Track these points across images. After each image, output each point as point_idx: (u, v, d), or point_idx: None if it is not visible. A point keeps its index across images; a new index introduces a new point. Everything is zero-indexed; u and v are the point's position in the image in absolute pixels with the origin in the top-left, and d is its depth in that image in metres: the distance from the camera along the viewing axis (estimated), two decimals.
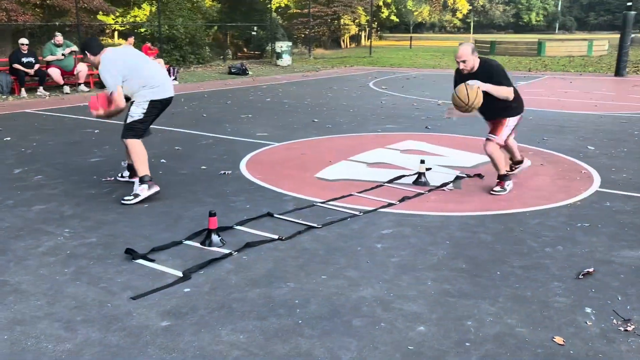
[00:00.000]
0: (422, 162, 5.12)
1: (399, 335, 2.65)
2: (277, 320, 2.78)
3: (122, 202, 4.53)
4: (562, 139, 7.12)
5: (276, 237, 3.82)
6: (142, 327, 2.70)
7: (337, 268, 3.38)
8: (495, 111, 4.76)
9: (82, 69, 12.67)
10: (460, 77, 4.78)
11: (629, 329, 2.69)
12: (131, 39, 13.94)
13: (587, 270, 3.30)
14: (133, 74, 4.63)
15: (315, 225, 4.04)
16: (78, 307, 2.89)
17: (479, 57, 4.77)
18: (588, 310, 2.87)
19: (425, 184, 5.04)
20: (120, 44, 24.21)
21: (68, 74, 12.56)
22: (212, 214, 3.69)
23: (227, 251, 3.56)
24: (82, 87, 12.69)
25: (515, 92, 4.71)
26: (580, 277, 3.24)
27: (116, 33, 26.91)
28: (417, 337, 2.64)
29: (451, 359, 2.46)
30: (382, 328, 2.71)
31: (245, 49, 29.30)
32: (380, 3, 41.11)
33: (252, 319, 2.79)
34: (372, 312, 2.86)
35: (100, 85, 13.28)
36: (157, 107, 4.81)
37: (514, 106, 4.75)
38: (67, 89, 12.38)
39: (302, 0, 34.96)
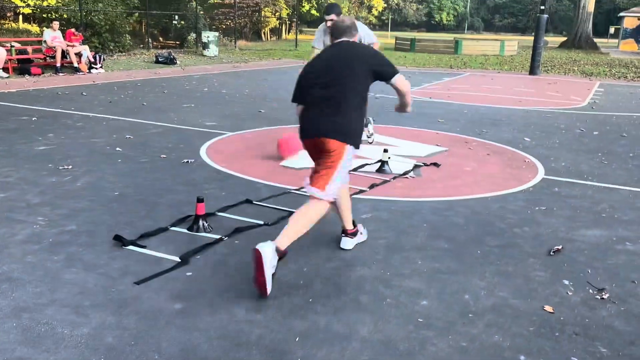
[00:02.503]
0: (385, 151, 5.32)
1: (406, 309, 2.82)
2: (288, 299, 2.86)
3: None
4: (499, 132, 7.60)
5: (262, 222, 3.87)
6: (155, 310, 2.70)
7: (329, 250, 3.49)
8: None
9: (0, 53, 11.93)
10: None
11: (604, 297, 3.01)
12: (55, 24, 13.26)
13: (557, 247, 3.62)
14: None
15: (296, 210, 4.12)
16: (82, 292, 2.83)
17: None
18: (566, 282, 3.17)
19: (388, 172, 5.25)
20: (27, 29, 22.86)
21: None
22: (200, 200, 3.69)
23: (217, 236, 3.58)
24: (1, 73, 11.90)
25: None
26: (551, 253, 3.55)
27: (21, 17, 25.31)
28: (423, 310, 2.81)
29: (460, 329, 2.65)
30: (389, 303, 2.86)
31: (161, 38, 28.52)
32: None
33: (263, 298, 2.85)
34: (375, 290, 3.00)
35: (19, 71, 12.54)
36: None
37: None
38: None
39: None
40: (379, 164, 5.35)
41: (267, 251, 2.79)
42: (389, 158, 5.37)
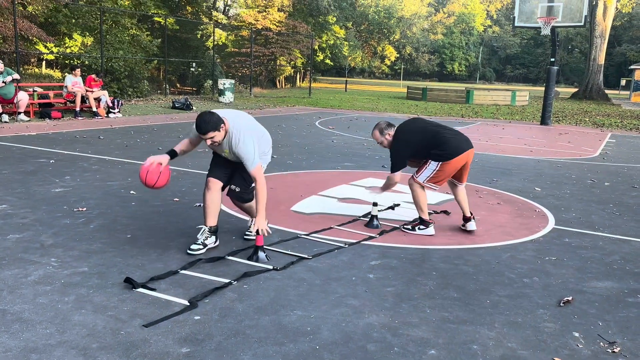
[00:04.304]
0: (375, 204, 5.11)
1: (414, 358, 2.80)
2: (295, 346, 2.86)
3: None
4: (510, 181, 7.62)
5: (271, 267, 3.90)
6: (163, 353, 2.70)
7: (337, 297, 3.50)
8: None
9: (22, 97, 12.29)
10: None
11: (615, 350, 2.97)
12: (78, 71, 13.67)
13: (567, 298, 3.60)
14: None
15: (305, 256, 4.16)
16: (91, 334, 2.85)
17: (389, 134, 4.89)
18: (576, 334, 3.14)
19: (377, 226, 5.01)
20: (50, 75, 23.55)
21: (7, 102, 12.10)
22: (257, 232, 3.98)
23: (226, 280, 3.61)
24: (22, 117, 12.22)
25: (438, 138, 4.79)
26: (561, 304, 3.53)
27: (44, 63, 26.13)
28: None
29: None
30: (396, 352, 2.85)
31: (178, 84, 29.21)
32: (316, 47, 42.44)
33: (270, 344, 2.86)
34: (382, 338, 2.99)
35: (40, 115, 12.88)
36: None
37: (434, 153, 4.79)
38: (5, 117, 11.89)
39: (239, 40, 35.47)
40: (369, 218, 5.17)
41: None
42: (395, 205, 5.40)
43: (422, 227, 4.89)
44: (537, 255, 4.47)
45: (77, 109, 13.30)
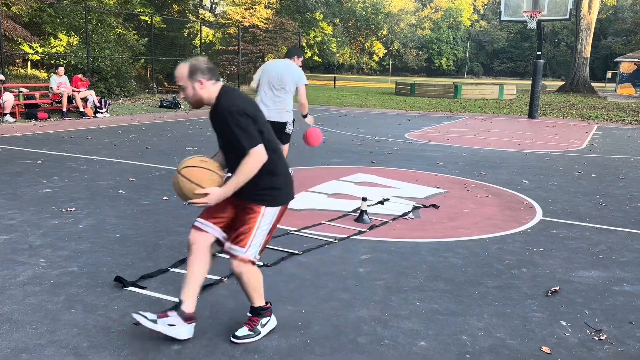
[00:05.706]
0: (364, 199, 5.14)
1: (404, 350, 2.83)
2: (286, 340, 2.88)
3: None
4: (498, 174, 7.68)
5: (261, 263, 3.91)
6: (154, 351, 2.71)
7: (328, 291, 3.52)
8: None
9: (8, 98, 12.18)
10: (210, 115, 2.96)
11: (602, 338, 3.01)
12: (61, 70, 13.56)
13: (554, 288, 3.64)
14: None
15: (295, 252, 4.17)
16: (81, 334, 2.85)
17: (217, 83, 2.89)
18: (563, 323, 3.18)
19: (365, 221, 5.02)
20: (36, 75, 23.35)
21: None
22: None
23: (217, 277, 3.62)
24: (8, 118, 12.12)
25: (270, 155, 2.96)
26: (549, 294, 3.57)
27: (29, 63, 25.91)
28: (421, 351, 2.82)
29: None
30: (386, 344, 2.87)
31: (166, 83, 29.07)
32: (304, 44, 42.40)
33: (261, 339, 2.87)
34: (373, 331, 3.02)
35: (26, 116, 12.77)
36: None
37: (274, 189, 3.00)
38: None
39: (227, 38, 35.35)
40: (359, 213, 5.19)
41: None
42: (385, 200, 5.42)
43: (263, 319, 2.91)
44: (525, 247, 4.52)
45: (64, 109, 13.20)
